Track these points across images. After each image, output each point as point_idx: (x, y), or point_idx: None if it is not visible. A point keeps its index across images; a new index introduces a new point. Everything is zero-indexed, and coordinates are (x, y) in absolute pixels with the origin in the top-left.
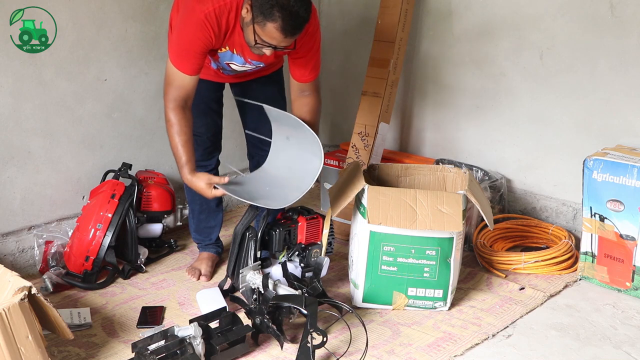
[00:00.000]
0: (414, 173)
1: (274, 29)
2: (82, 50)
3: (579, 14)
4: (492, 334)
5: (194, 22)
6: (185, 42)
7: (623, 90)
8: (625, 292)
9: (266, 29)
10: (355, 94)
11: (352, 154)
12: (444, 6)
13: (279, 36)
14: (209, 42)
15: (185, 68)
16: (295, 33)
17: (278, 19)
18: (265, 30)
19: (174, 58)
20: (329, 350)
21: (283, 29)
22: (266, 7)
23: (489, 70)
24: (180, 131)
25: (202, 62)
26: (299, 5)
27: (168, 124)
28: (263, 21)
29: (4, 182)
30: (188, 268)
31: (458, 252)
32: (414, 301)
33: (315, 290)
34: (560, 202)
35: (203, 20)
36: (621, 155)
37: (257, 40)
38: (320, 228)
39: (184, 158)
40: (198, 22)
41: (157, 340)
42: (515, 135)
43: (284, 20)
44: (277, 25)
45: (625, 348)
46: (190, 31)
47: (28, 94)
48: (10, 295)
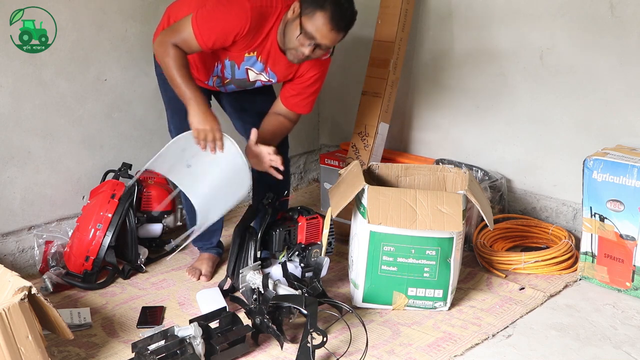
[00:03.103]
0: (414, 173)
1: (322, 17)
2: (82, 50)
3: (579, 14)
4: (492, 334)
5: (237, 6)
6: (219, 15)
7: (623, 90)
8: (625, 292)
9: (315, 18)
10: (355, 94)
11: (352, 154)
12: (444, 6)
13: (326, 27)
14: (241, 30)
15: (203, 38)
16: (340, 28)
17: (328, 8)
18: (313, 20)
19: (199, 22)
20: (329, 350)
21: (332, 19)
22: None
23: (489, 70)
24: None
25: (221, 44)
26: (349, 4)
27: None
28: (313, 11)
29: (4, 182)
30: (188, 268)
31: (458, 252)
32: (414, 301)
33: (315, 290)
34: (560, 202)
35: (248, 7)
36: (621, 155)
37: (302, 32)
38: (320, 228)
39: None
40: (241, 8)
41: (157, 340)
42: (515, 135)
43: (334, 11)
44: (326, 15)
45: (625, 348)
46: (230, 8)
47: (28, 94)
48: (10, 295)
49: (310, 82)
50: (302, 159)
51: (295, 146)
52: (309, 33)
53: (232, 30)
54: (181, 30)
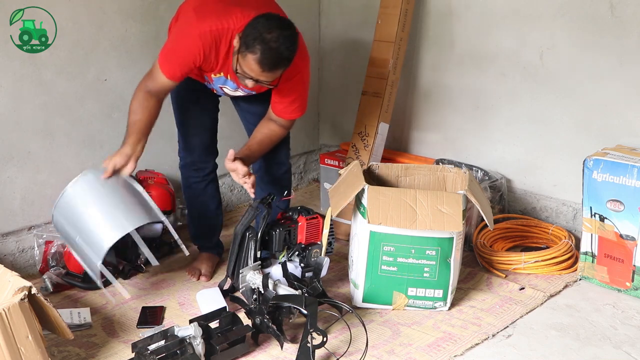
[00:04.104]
0: (414, 173)
1: (252, 61)
2: (82, 50)
3: (579, 14)
4: (492, 334)
5: (187, 35)
6: (175, 48)
7: (623, 90)
8: (625, 292)
9: (246, 59)
10: (355, 94)
11: (352, 154)
12: (444, 6)
13: (257, 69)
14: (196, 58)
15: (167, 71)
16: (273, 69)
17: (257, 52)
18: (245, 60)
19: (162, 58)
20: (329, 350)
21: (261, 62)
22: (250, 38)
23: (489, 70)
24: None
25: (185, 72)
26: (282, 43)
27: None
28: (245, 52)
29: (4, 182)
30: (188, 268)
31: (458, 252)
32: (414, 301)
33: (315, 290)
34: (560, 202)
35: (197, 36)
36: (621, 155)
37: (238, 70)
38: (320, 228)
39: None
40: (192, 36)
41: (157, 340)
42: (515, 135)
43: (263, 54)
44: (255, 58)
45: (625, 348)
46: (183, 41)
47: (28, 94)
48: (10, 295)
49: (287, 91)
50: (302, 159)
51: (295, 146)
52: (245, 71)
53: (189, 60)
54: (152, 70)
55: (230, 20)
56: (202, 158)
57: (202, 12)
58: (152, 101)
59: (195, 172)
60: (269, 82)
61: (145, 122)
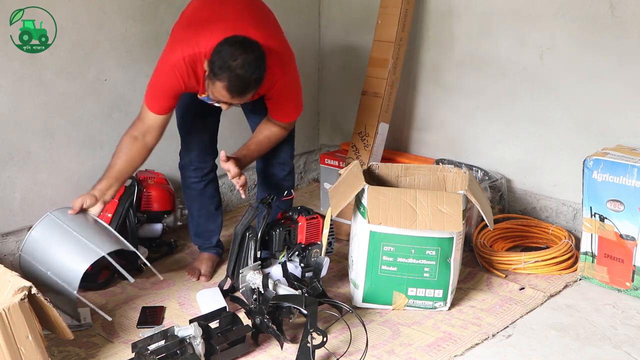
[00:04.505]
0: (414, 173)
1: (221, 88)
2: (82, 50)
3: (579, 14)
4: (492, 334)
5: (163, 68)
6: (156, 84)
7: (623, 90)
8: (625, 292)
9: (215, 87)
10: (355, 94)
11: (352, 154)
12: (444, 6)
13: (227, 95)
14: (178, 87)
15: (151, 105)
16: (242, 94)
17: (225, 80)
18: (214, 86)
19: (147, 97)
20: (329, 350)
21: (228, 88)
22: (217, 66)
23: (489, 70)
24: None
25: (172, 104)
26: (247, 69)
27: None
28: (213, 79)
29: (4, 182)
30: (188, 268)
31: (458, 252)
32: (414, 301)
33: (315, 290)
34: (560, 202)
35: (171, 67)
36: (621, 155)
37: (210, 95)
38: (320, 228)
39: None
40: (167, 68)
41: (157, 340)
42: (515, 135)
43: (230, 81)
44: (223, 85)
45: (625, 348)
46: (161, 75)
47: (28, 94)
48: (10, 295)
49: (275, 99)
50: (302, 159)
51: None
52: (216, 96)
53: (172, 91)
54: (140, 113)
55: (200, 44)
56: (201, 158)
57: (174, 41)
58: (136, 146)
59: (194, 172)
60: (240, 104)
61: (122, 170)
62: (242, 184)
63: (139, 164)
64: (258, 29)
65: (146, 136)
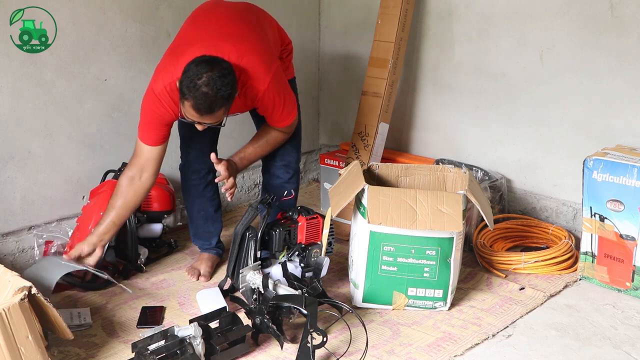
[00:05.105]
0: (414, 173)
1: (189, 108)
2: (82, 50)
3: (579, 14)
4: (492, 334)
5: (149, 99)
6: (145, 116)
7: (623, 90)
8: (625, 292)
9: (185, 107)
10: (355, 94)
11: (352, 154)
12: (444, 6)
13: (196, 114)
14: (166, 116)
15: (144, 138)
16: (210, 112)
17: (191, 99)
18: (185, 108)
19: (139, 132)
20: (329, 350)
21: (196, 108)
22: (184, 86)
23: (489, 70)
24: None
25: (162, 132)
26: (212, 86)
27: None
28: (182, 99)
29: (4, 182)
30: (188, 268)
31: (458, 252)
32: (414, 301)
33: (315, 290)
34: (560, 202)
35: (156, 98)
36: (621, 155)
37: (182, 116)
38: (320, 228)
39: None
40: (152, 99)
41: (157, 340)
42: (515, 135)
43: (196, 100)
44: (191, 104)
45: (625, 348)
46: (148, 107)
47: (28, 94)
48: (10, 295)
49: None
50: (302, 159)
51: None
52: (187, 117)
53: (161, 120)
54: (134, 150)
55: (178, 70)
56: (199, 159)
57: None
58: (132, 190)
59: (192, 173)
60: (214, 122)
61: (120, 214)
62: (228, 187)
63: (136, 205)
64: (237, 43)
65: (143, 174)
